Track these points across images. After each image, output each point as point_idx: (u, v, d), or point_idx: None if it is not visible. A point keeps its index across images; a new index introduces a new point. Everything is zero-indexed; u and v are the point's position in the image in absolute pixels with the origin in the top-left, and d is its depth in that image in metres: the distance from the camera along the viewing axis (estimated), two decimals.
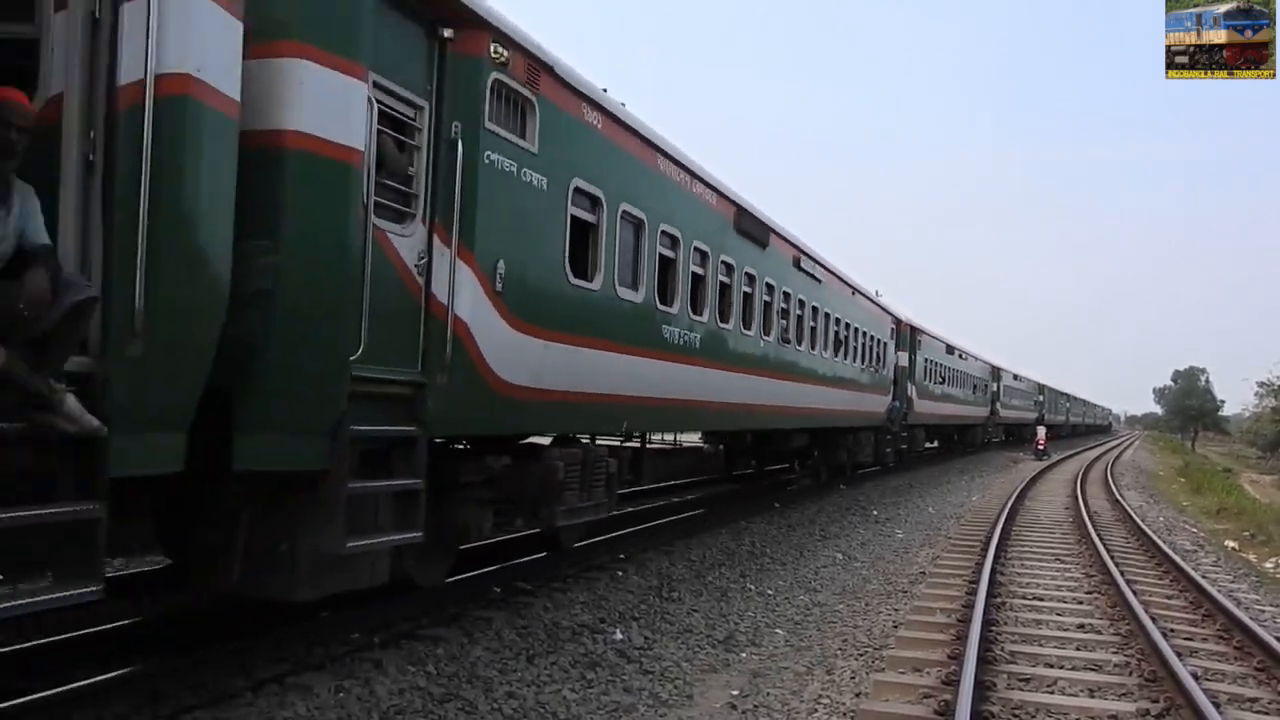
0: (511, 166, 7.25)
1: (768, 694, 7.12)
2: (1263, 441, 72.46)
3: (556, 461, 8.36)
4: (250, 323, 5.03)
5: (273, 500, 5.62)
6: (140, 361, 4.31)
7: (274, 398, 5.28)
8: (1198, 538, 18.93)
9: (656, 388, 10.31)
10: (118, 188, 4.24)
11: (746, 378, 13.36)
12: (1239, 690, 7.56)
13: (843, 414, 20.16)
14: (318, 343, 5.44)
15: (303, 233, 5.34)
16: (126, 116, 4.24)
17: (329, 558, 5.68)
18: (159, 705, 5.54)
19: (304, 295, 5.34)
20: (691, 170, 11.08)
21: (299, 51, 5.22)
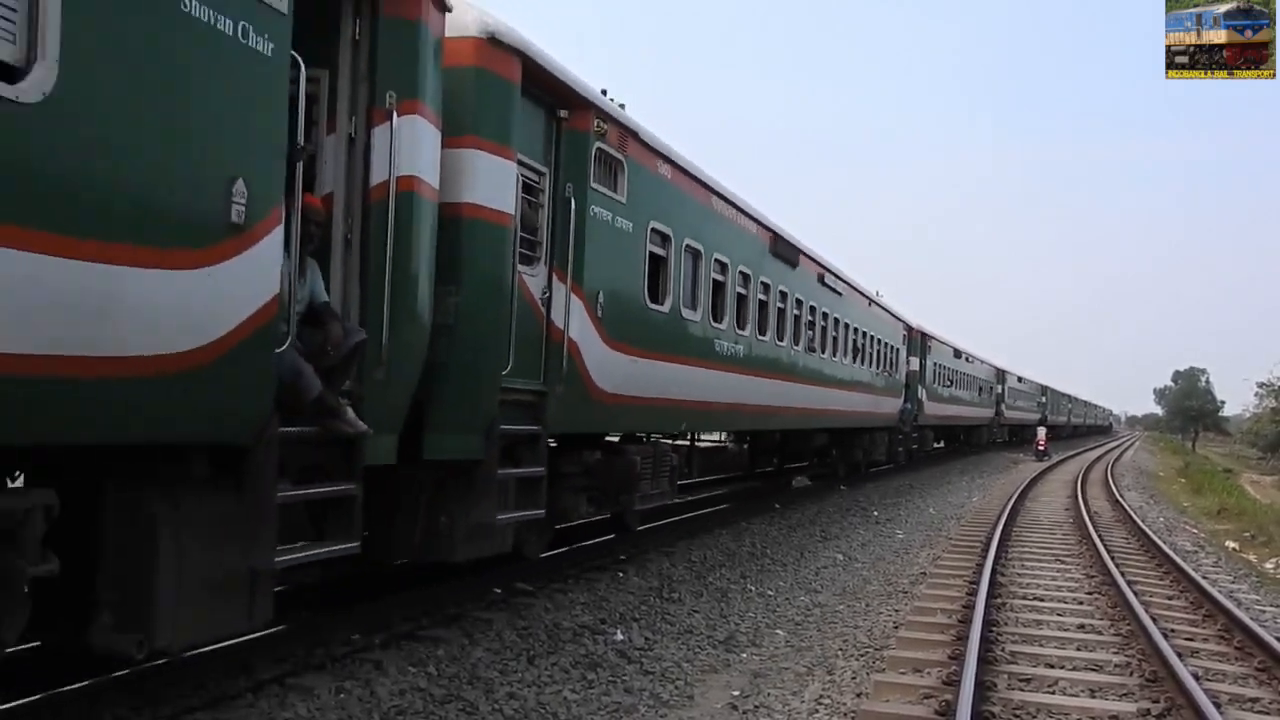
0: (608, 215, 9.04)
1: (768, 694, 7.12)
2: (1263, 442, 72.42)
3: (635, 456, 10.07)
4: (438, 350, 6.62)
5: (439, 485, 7.16)
6: (382, 384, 5.98)
7: (452, 405, 6.93)
8: (1198, 538, 18.92)
9: (709, 393, 12.06)
10: (371, 259, 5.90)
11: (779, 383, 15.05)
12: (1240, 690, 7.55)
13: (860, 415, 22.01)
14: (483, 363, 7.14)
15: (476, 279, 7.05)
16: (375, 207, 5.89)
17: (478, 528, 7.35)
18: (159, 705, 5.53)
19: (475, 327, 7.01)
20: (737, 205, 12.96)
21: (473, 144, 6.97)
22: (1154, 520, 20.78)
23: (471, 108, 6.97)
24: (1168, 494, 31.86)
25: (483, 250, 7.12)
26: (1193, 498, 30.81)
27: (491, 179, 7.11)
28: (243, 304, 4.75)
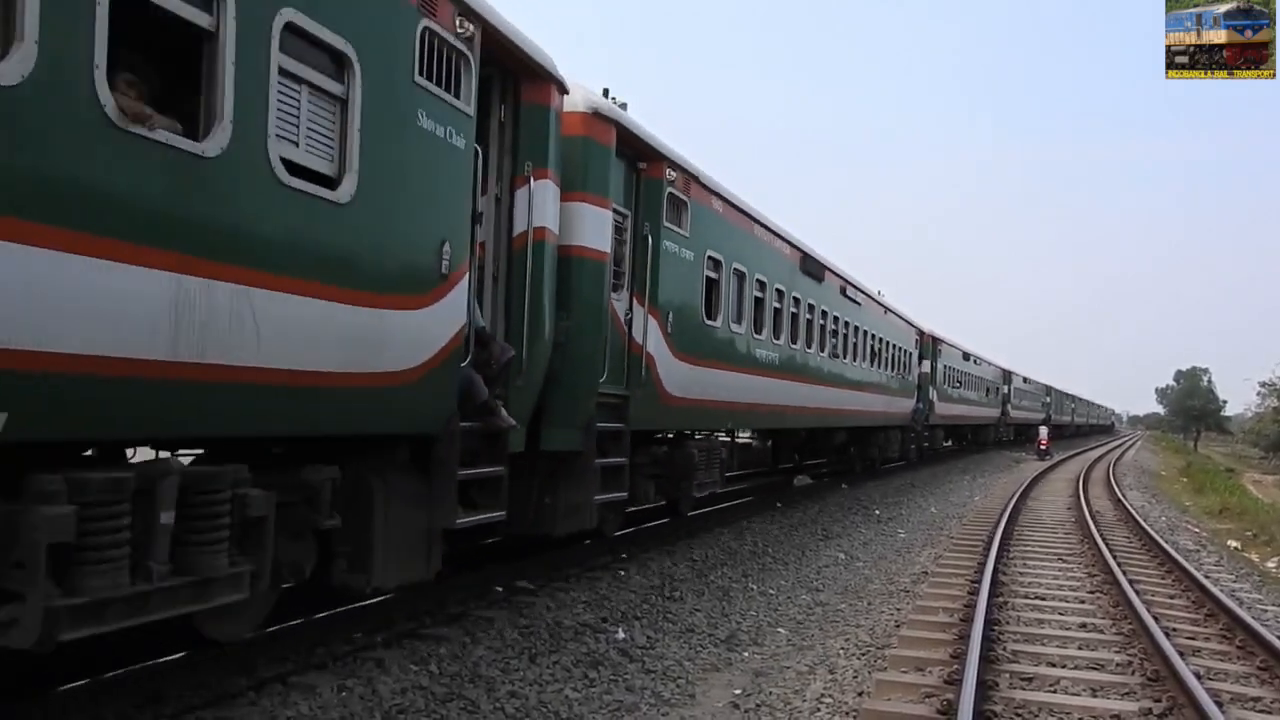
0: (675, 248, 10.84)
1: (770, 693, 7.12)
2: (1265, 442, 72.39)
3: (693, 449, 12.10)
4: (554, 362, 8.30)
5: (549, 472, 8.66)
6: (520, 389, 7.71)
7: (563, 407, 8.57)
8: (1200, 537, 18.91)
9: (750, 395, 13.85)
10: (514, 292, 7.63)
11: (807, 386, 16.88)
12: (1242, 690, 7.55)
13: (876, 415, 23.89)
14: (586, 373, 8.83)
15: (582, 306, 8.74)
16: (517, 253, 7.63)
17: (576, 507, 8.95)
18: (161, 705, 5.54)
19: (581, 345, 8.70)
20: (773, 229, 14.82)
21: (584, 198, 8.72)
22: (1156, 519, 20.77)
23: (580, 168, 8.71)
24: (1169, 493, 31.84)
25: (587, 283, 8.83)
26: (1195, 497, 30.79)
27: (594, 225, 8.89)
28: (445, 332, 6.49)
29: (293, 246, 5.17)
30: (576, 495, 8.97)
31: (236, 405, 4.91)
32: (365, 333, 5.70)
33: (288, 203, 5.10)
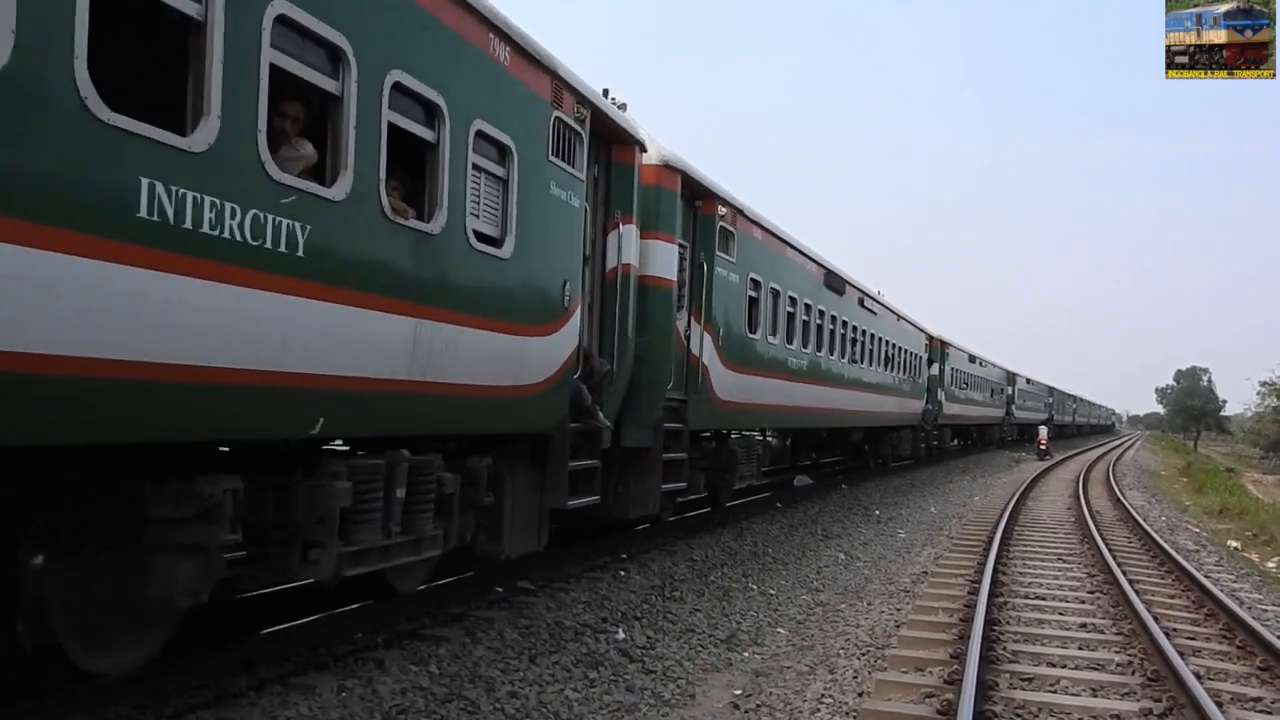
0: (725, 273, 12.65)
1: (770, 693, 7.12)
2: (1265, 441, 72.46)
3: (735, 446, 14.51)
4: (634, 374, 9.89)
5: (622, 465, 10.22)
6: (611, 396, 9.36)
7: (639, 410, 10.21)
8: (1200, 537, 18.91)
9: (782, 398, 15.67)
10: (605, 318, 9.43)
11: (830, 390, 18.66)
12: (1242, 690, 7.55)
13: (891, 415, 25.69)
14: (658, 382, 10.54)
15: (657, 326, 10.46)
16: (608, 285, 9.45)
17: (644, 494, 10.65)
18: (161, 704, 5.54)
19: (655, 358, 10.39)
20: (802, 250, 16.86)
21: (656, 236, 10.47)
22: (1156, 519, 20.77)
23: (654, 212, 10.44)
24: (1169, 493, 31.84)
25: (660, 307, 10.58)
26: (1194, 497, 30.79)
27: (665, 259, 10.65)
28: (563, 353, 8.11)
29: (478, 294, 6.91)
30: (646, 485, 10.69)
31: (442, 411, 6.63)
32: (512, 355, 7.36)
33: (476, 262, 6.86)
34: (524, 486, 8.07)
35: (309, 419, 5.41)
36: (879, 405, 23.49)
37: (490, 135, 6.91)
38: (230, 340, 4.73)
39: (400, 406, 6.12)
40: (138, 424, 4.44)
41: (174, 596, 5.14)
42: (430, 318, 6.23)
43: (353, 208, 5.46)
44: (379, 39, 5.74)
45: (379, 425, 6.18)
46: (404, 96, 6.00)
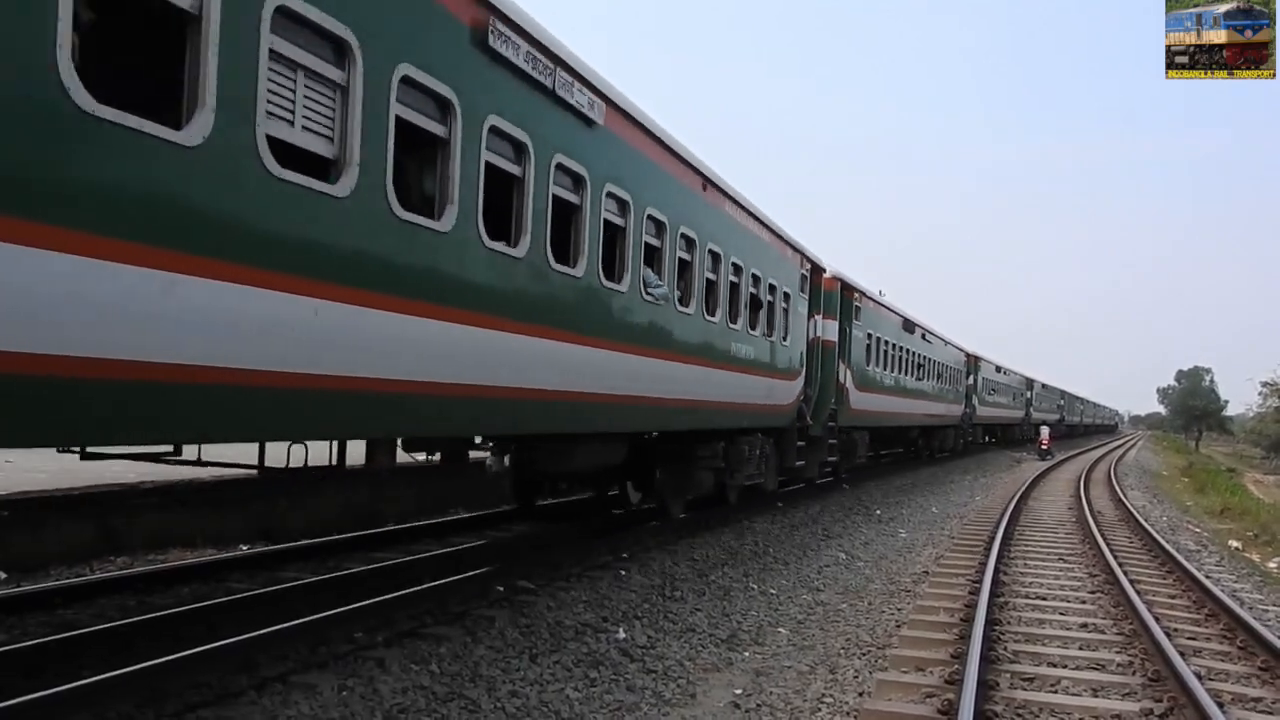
0: (857, 333, 20.95)
1: (771, 693, 7.12)
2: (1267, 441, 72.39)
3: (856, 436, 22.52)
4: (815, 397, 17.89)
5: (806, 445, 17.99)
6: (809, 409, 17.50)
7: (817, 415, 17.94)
8: (1201, 538, 18.90)
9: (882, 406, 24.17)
10: (811, 367, 17.65)
11: (905, 400, 27.19)
12: (1243, 690, 7.55)
13: (940, 417, 34.19)
14: (826, 403, 18.59)
15: (827, 370, 18.62)
16: (811, 346, 17.70)
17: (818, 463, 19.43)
18: (162, 704, 5.55)
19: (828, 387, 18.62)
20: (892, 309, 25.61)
21: (825, 315, 18.73)
22: (1157, 519, 20.77)
23: (826, 303, 18.59)
24: (1171, 493, 31.82)
25: (830, 358, 18.56)
26: (1196, 497, 30.78)
27: (831, 329, 18.87)
28: (798, 388, 16.68)
29: (771, 358, 14.69)
30: (819, 456, 18.83)
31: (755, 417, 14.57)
32: (777, 389, 15.05)
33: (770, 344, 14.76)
34: (770, 453, 15.79)
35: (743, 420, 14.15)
36: (932, 410, 31.82)
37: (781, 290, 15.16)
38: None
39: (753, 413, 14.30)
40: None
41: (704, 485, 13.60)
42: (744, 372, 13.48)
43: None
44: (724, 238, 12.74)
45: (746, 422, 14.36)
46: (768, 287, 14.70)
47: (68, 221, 3.98)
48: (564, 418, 8.71)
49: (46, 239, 3.89)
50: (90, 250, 4.05)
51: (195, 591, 8.32)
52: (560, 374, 8.32)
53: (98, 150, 4.08)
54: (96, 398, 4.20)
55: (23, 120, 3.84)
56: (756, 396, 14.29)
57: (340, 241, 5.54)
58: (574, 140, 8.07)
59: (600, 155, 8.78)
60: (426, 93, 6.28)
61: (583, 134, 8.38)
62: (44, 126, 3.91)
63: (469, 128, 6.67)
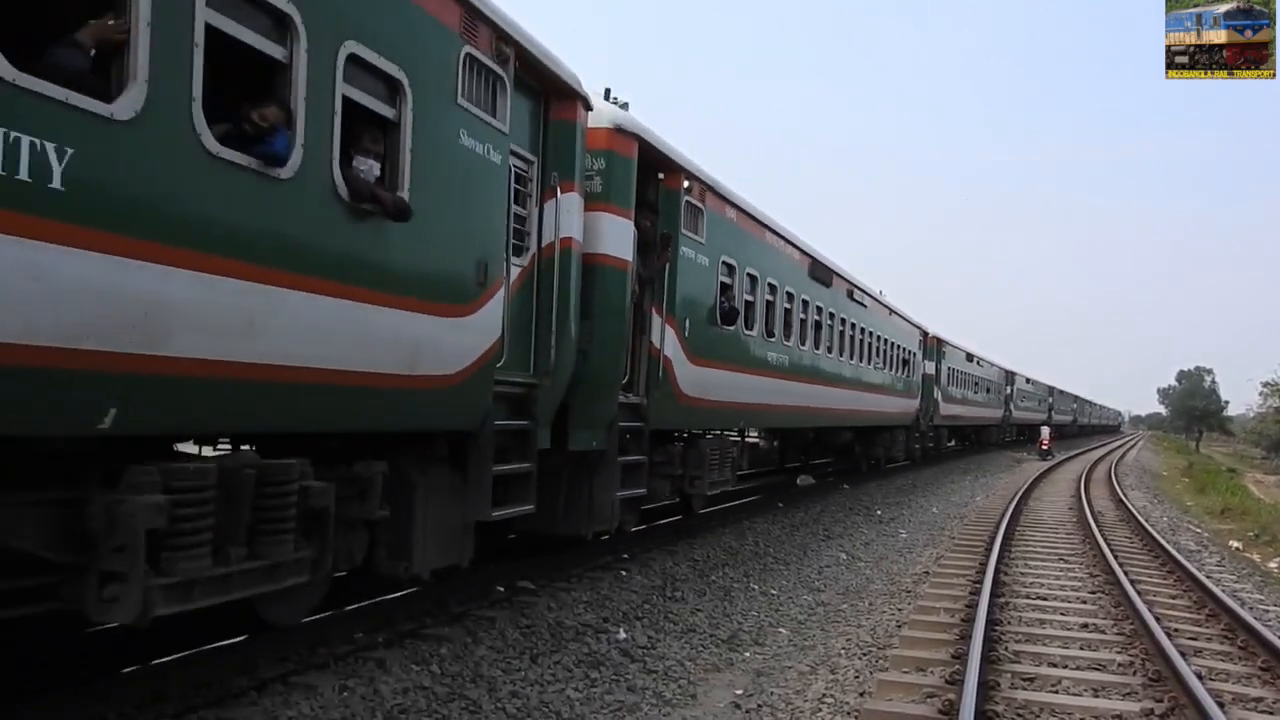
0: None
1: (771, 693, 7.12)
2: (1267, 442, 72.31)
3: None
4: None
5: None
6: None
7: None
8: (1202, 538, 18.89)
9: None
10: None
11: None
12: (1243, 690, 7.54)
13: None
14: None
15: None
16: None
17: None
18: (162, 704, 5.54)
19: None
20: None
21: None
22: (1157, 520, 20.75)
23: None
24: (1171, 493, 31.81)
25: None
26: (1196, 497, 30.76)
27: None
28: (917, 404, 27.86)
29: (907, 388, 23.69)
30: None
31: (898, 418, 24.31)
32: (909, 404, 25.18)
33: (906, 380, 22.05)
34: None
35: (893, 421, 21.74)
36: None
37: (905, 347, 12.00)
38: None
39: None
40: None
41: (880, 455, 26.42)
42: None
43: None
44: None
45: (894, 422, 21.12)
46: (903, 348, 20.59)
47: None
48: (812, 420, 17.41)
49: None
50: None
51: None
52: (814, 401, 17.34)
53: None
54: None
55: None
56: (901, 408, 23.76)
57: None
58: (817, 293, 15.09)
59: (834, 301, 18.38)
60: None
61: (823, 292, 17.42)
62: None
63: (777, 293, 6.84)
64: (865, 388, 21.91)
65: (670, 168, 10.77)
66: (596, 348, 9.05)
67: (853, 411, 21.22)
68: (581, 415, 8.98)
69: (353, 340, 5.66)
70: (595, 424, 9.25)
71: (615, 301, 9.38)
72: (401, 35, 6.02)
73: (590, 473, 9.53)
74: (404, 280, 6.13)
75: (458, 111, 6.60)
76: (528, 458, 7.84)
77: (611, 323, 9.34)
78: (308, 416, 5.52)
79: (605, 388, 9.33)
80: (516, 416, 7.75)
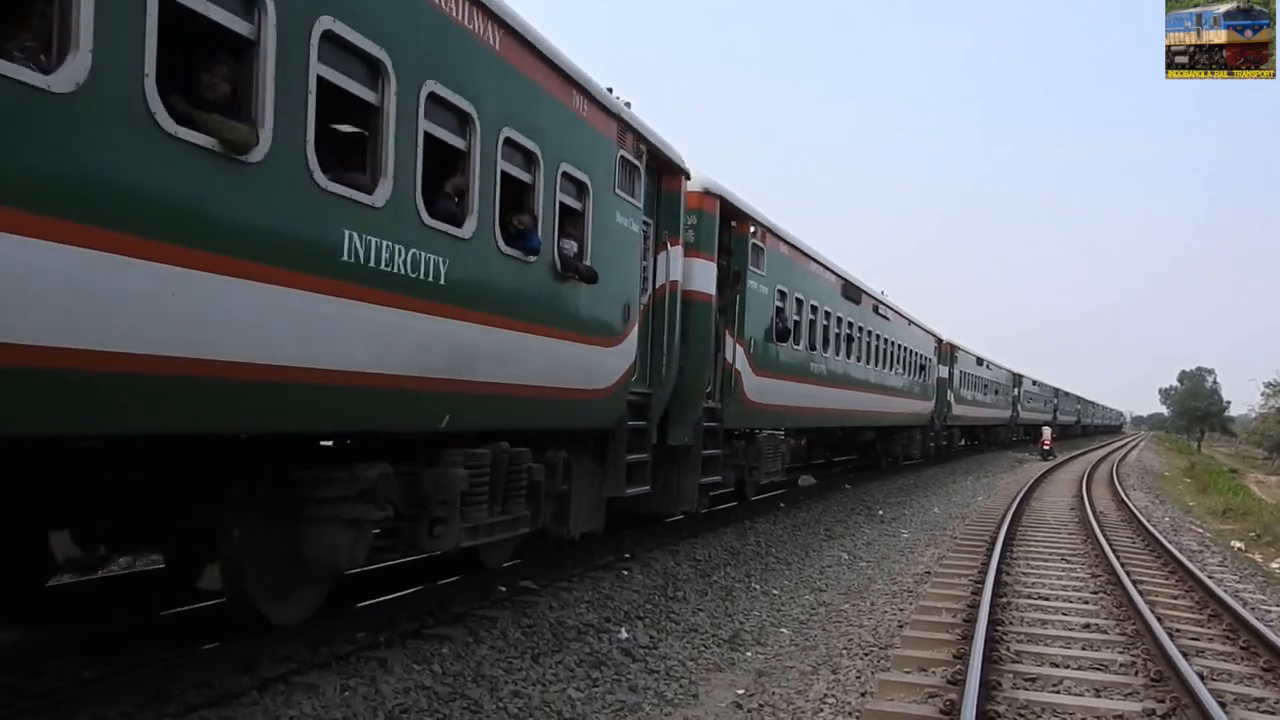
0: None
1: (773, 693, 7.11)
2: (1269, 442, 72.20)
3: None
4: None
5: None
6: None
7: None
8: (1204, 538, 18.88)
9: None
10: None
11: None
12: (1245, 690, 7.54)
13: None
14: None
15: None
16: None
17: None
18: (164, 704, 5.54)
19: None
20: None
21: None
22: (1159, 520, 20.74)
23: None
24: (1173, 494, 31.79)
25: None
26: (1198, 497, 30.75)
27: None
28: (931, 406, 29.21)
29: (923, 391, 25.71)
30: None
31: (913, 418, 26.87)
32: (925, 406, 27.80)
33: (923, 384, 25.96)
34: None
35: (909, 421, 25.59)
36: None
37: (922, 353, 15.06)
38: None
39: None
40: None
41: (899, 453, 29.17)
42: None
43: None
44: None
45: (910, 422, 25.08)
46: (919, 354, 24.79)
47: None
48: (844, 420, 20.56)
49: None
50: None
51: (196, 591, 8.32)
52: (846, 404, 19.81)
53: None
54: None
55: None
56: (918, 410, 26.34)
57: None
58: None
59: (862, 316, 20.95)
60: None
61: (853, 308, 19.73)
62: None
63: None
64: (888, 391, 24.16)
65: (741, 217, 13.26)
66: (690, 364, 11.16)
67: (876, 413, 23.62)
68: (678, 417, 11.05)
69: (559, 367, 8.10)
70: (686, 424, 11.29)
71: (704, 328, 11.57)
72: (586, 151, 8.44)
73: (680, 463, 11.51)
74: (585, 323, 8.56)
75: (615, 198, 9.03)
76: (645, 450, 10.13)
77: (701, 344, 11.50)
78: (535, 419, 8.11)
79: (695, 395, 11.45)
80: (637, 418, 9.94)
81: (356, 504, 6.20)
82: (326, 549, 6.26)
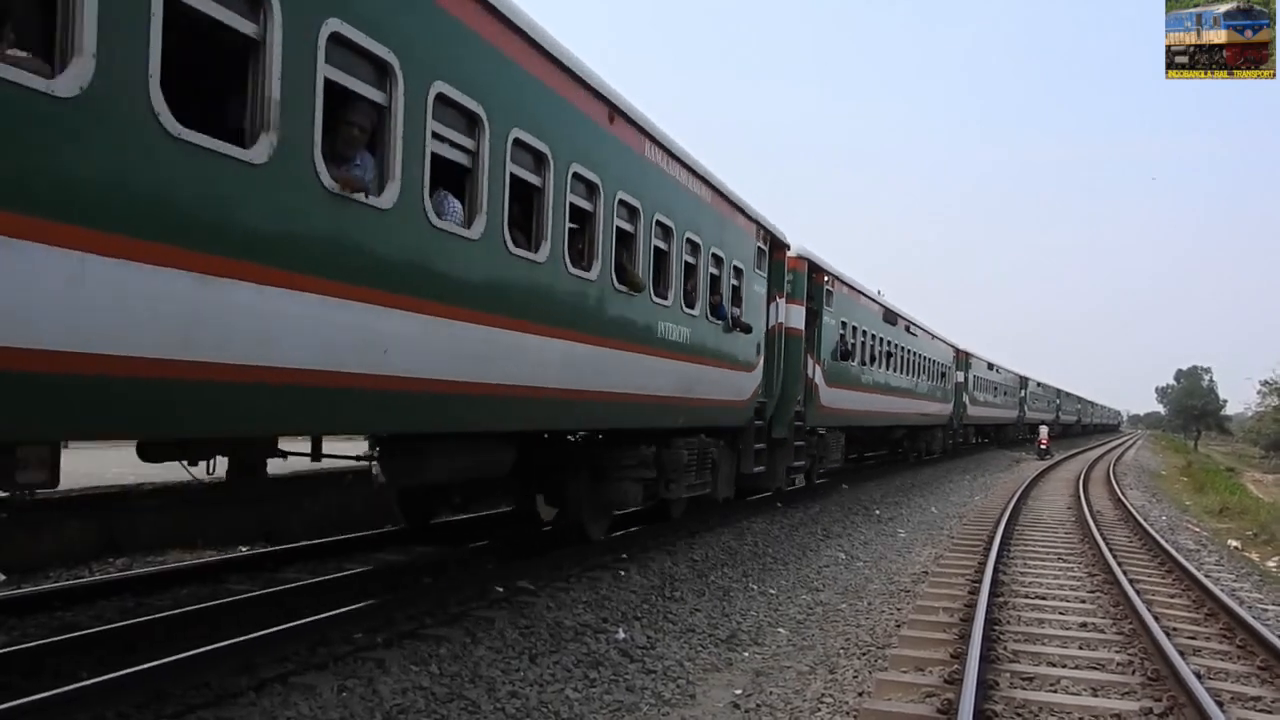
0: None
1: (770, 693, 7.12)
2: (1265, 441, 72.45)
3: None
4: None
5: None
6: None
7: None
8: (1200, 537, 18.90)
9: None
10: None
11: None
12: (1242, 689, 7.55)
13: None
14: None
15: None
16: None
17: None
18: (162, 704, 5.54)
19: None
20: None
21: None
22: (1156, 519, 20.77)
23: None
24: (1170, 493, 31.83)
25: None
26: (1195, 496, 30.78)
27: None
28: (950, 409, 34.21)
29: (944, 396, 31.47)
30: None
31: (932, 419, 31.60)
32: (943, 409, 32.82)
33: (943, 389, 32.27)
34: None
35: (925, 421, 30.51)
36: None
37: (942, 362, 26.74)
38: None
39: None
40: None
41: (923, 449, 33.56)
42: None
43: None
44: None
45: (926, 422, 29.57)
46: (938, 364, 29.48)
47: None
48: (884, 421, 25.95)
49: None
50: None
51: (195, 593, 8.33)
52: (887, 408, 25.10)
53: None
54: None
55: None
56: (940, 411, 31.46)
57: None
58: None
59: (898, 335, 25.73)
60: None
61: (891, 329, 25.13)
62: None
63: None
64: (917, 396, 29.35)
65: (819, 270, 17.93)
66: (788, 380, 15.72)
67: (909, 414, 28.76)
68: (779, 417, 15.36)
69: (727, 386, 12.77)
70: (785, 422, 15.62)
71: (797, 354, 16.26)
72: (742, 248, 13.25)
73: (775, 452, 15.43)
74: (739, 359, 13.19)
75: (754, 274, 13.79)
76: (762, 441, 14.49)
77: (797, 365, 16.18)
78: (716, 420, 12.57)
79: (791, 401, 15.98)
80: (758, 418, 14.25)
81: (639, 469, 10.64)
82: (620, 495, 10.67)
